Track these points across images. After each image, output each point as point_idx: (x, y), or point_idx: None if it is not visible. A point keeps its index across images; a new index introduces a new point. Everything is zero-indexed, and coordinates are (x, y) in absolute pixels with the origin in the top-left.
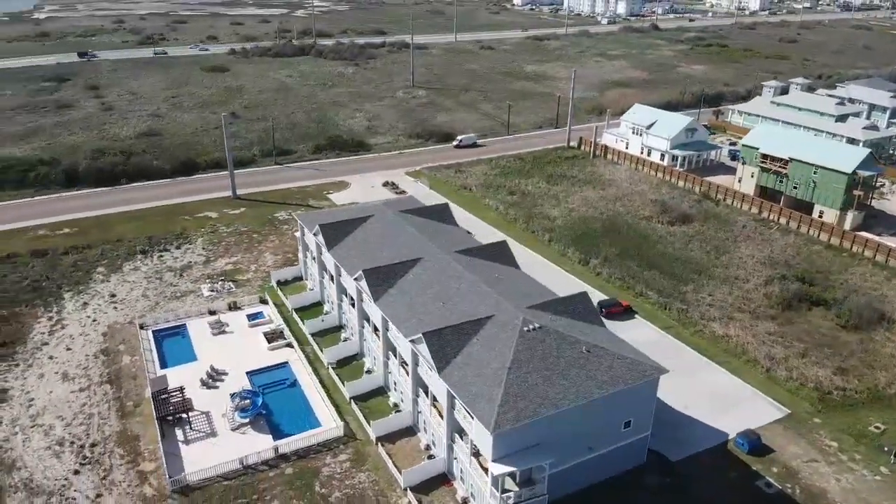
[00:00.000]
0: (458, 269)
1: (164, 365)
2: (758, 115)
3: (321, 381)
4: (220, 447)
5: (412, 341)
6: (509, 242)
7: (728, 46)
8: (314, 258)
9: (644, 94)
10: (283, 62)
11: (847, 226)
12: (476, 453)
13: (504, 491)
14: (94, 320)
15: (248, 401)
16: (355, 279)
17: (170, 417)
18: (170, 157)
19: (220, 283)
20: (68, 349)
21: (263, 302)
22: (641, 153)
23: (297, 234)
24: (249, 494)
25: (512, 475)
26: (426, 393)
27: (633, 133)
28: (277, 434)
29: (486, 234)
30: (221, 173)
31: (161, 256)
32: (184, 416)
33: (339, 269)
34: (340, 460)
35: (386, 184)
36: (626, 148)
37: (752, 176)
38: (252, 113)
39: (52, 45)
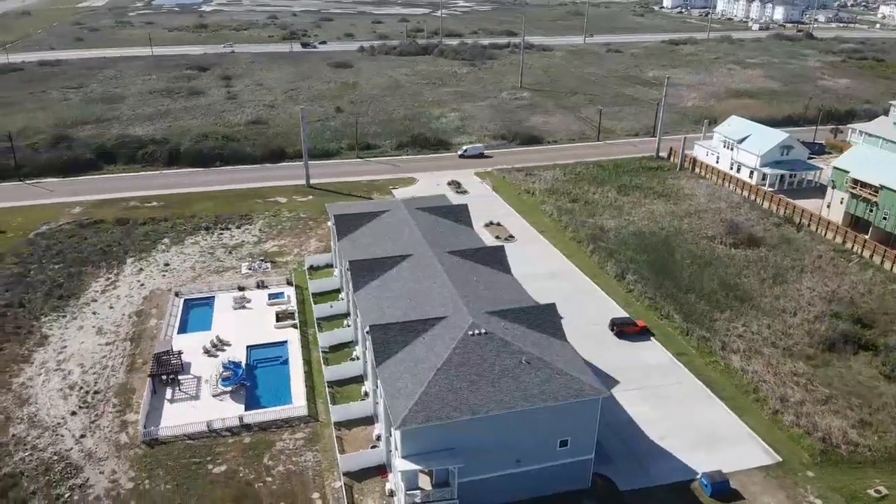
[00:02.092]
0: (438, 269)
1: (181, 330)
2: (879, 137)
3: (308, 363)
4: (198, 410)
5: (366, 333)
6: (549, 250)
7: (885, 61)
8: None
9: (765, 106)
10: (405, 61)
11: None
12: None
13: (411, 488)
14: (142, 285)
15: (229, 371)
16: (346, 269)
17: (164, 377)
18: (263, 144)
19: (258, 262)
20: (111, 307)
21: (289, 284)
22: (731, 169)
23: (330, 223)
24: (204, 455)
25: (429, 474)
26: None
27: (725, 147)
28: (251, 405)
29: (526, 239)
30: (314, 162)
31: (221, 234)
32: (177, 377)
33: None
34: (296, 437)
35: (451, 183)
36: (717, 162)
37: (842, 202)
38: (356, 108)
39: (206, 37)
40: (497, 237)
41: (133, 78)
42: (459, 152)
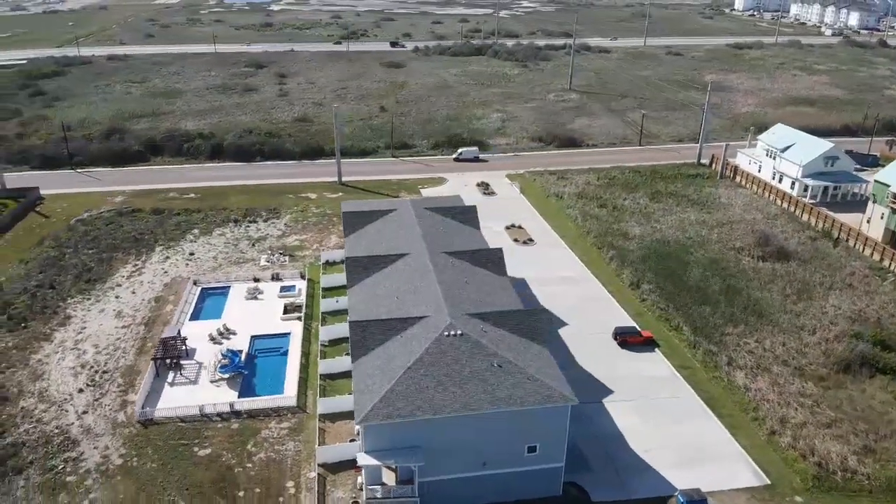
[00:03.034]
0: (429, 269)
1: (194, 317)
2: None
3: (307, 356)
4: (194, 394)
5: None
6: (567, 255)
7: None
8: None
9: (823, 115)
10: (458, 61)
11: None
12: None
13: (373, 483)
14: (166, 272)
15: (227, 359)
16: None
17: (168, 361)
18: (303, 141)
19: (276, 255)
20: (133, 293)
21: (302, 277)
22: (773, 178)
23: None
24: (192, 438)
25: (395, 471)
26: None
27: (767, 155)
28: (245, 393)
29: (546, 242)
30: (348, 160)
31: (247, 227)
32: (180, 362)
33: None
34: (281, 427)
35: (479, 184)
36: (759, 171)
37: (882, 217)
38: (400, 107)
39: (270, 35)
40: (516, 240)
41: (193, 74)
42: (454, 155)
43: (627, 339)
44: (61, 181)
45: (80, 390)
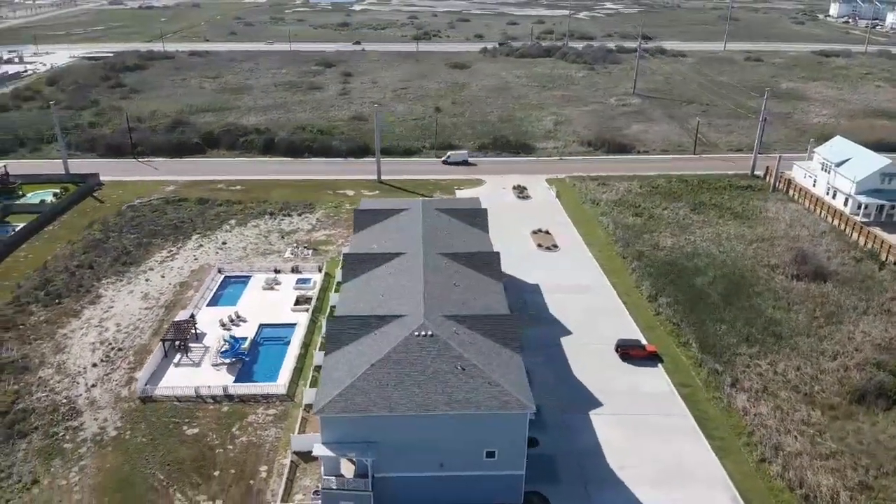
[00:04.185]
0: (419, 269)
1: (212, 303)
2: None
3: (307, 347)
4: (195, 376)
5: None
6: (590, 263)
7: None
8: None
9: None
10: (524, 62)
11: None
12: None
13: (330, 473)
14: (196, 259)
15: (228, 345)
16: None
17: (176, 343)
18: (351, 139)
19: (300, 248)
20: (162, 277)
21: (319, 270)
22: (826, 194)
23: None
24: (184, 417)
25: (355, 464)
26: None
27: (822, 169)
28: (242, 378)
29: (570, 249)
30: (382, 159)
31: (281, 220)
32: (187, 345)
33: None
34: (268, 413)
35: (516, 187)
36: (814, 185)
37: None
38: (456, 108)
39: (346, 34)
40: (539, 245)
41: (265, 71)
42: (443, 158)
43: (630, 353)
44: (122, 169)
45: (94, 365)
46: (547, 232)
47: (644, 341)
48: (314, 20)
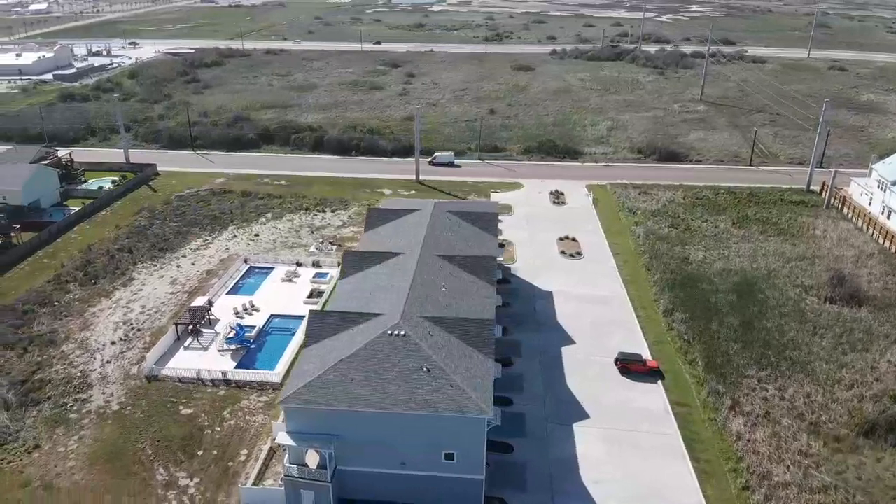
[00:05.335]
0: (410, 270)
1: (232, 292)
2: None
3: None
4: (201, 359)
5: None
6: (611, 273)
7: None
8: None
9: None
10: (591, 65)
11: None
12: None
13: (293, 462)
14: (227, 249)
15: (233, 332)
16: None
17: (189, 327)
18: (398, 139)
19: (326, 243)
20: (193, 264)
21: (338, 265)
22: (882, 213)
23: None
24: (181, 397)
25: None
26: None
27: (879, 187)
28: (242, 365)
29: (595, 258)
30: (424, 159)
31: (315, 215)
32: (198, 329)
33: None
34: (260, 400)
35: (553, 192)
36: (869, 204)
37: None
38: (511, 111)
39: (422, 35)
40: (563, 252)
41: (332, 70)
42: (429, 160)
43: (629, 367)
44: (179, 160)
45: (113, 343)
46: (574, 239)
47: (648, 356)
48: (391, 20)
